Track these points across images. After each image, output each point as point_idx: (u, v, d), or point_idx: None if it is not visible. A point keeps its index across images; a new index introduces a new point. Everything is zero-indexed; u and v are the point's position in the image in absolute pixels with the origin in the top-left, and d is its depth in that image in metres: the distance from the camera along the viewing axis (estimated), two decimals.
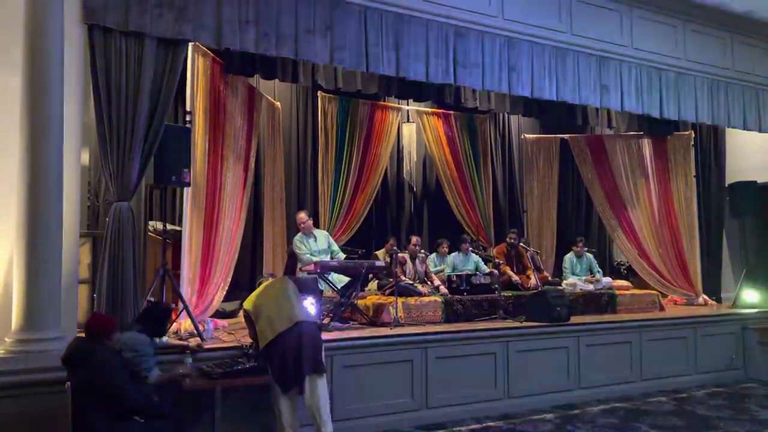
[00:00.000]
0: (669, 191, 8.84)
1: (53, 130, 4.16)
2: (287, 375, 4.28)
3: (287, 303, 4.47)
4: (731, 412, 5.91)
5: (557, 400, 6.13)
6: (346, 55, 5.34)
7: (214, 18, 4.79)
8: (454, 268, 7.57)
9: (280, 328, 4.31)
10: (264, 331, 4.36)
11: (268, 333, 4.33)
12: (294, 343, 4.28)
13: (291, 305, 4.46)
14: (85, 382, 3.40)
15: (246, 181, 6.58)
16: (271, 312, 4.41)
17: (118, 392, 3.46)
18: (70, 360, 3.53)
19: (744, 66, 7.75)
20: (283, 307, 4.44)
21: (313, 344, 4.39)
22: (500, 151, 9.82)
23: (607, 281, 8.02)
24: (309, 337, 4.36)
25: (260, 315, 4.44)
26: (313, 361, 4.33)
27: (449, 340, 5.73)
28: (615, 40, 6.82)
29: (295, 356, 4.28)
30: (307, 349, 4.31)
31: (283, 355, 4.28)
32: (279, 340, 4.28)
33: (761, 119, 7.87)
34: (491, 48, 6.07)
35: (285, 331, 4.30)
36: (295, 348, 4.28)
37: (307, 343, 4.32)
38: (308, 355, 4.31)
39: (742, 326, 7.55)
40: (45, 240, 4.10)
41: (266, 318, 4.39)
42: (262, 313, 4.43)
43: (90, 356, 3.45)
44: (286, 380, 4.28)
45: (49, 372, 3.90)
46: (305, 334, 4.34)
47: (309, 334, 4.38)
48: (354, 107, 8.20)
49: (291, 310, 4.43)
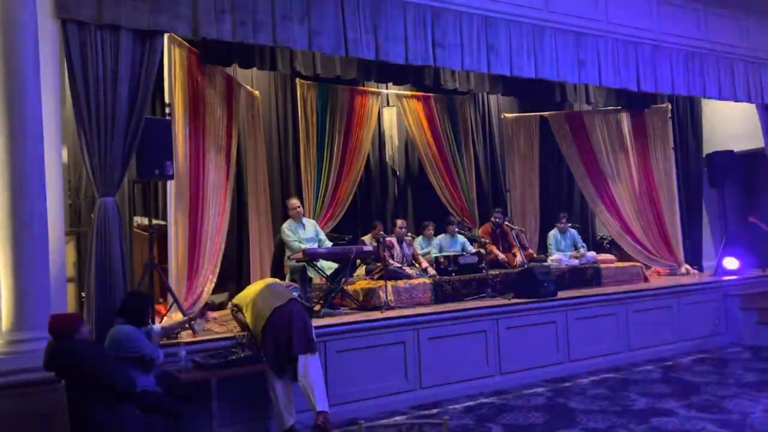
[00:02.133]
0: (648, 164, 8.98)
1: (32, 127, 4.11)
2: (281, 356, 4.41)
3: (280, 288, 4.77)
4: (717, 376, 6.05)
5: (548, 374, 6.24)
6: (325, 40, 5.30)
7: (189, 8, 4.72)
8: (441, 249, 7.62)
9: (276, 303, 4.50)
10: (260, 310, 4.51)
11: (265, 311, 4.48)
12: (285, 324, 4.43)
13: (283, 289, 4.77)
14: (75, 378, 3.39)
15: (228, 172, 6.55)
16: (265, 294, 4.62)
17: (110, 373, 3.47)
18: (52, 365, 3.53)
19: (717, 37, 7.83)
20: (275, 289, 4.71)
21: (304, 324, 4.53)
22: (481, 131, 9.84)
23: (591, 255, 8.13)
24: (299, 317, 4.51)
25: (254, 302, 4.60)
26: (305, 340, 4.47)
27: (440, 321, 5.78)
28: (591, 15, 6.84)
29: (287, 336, 4.41)
30: (297, 329, 4.45)
31: (276, 336, 4.42)
32: (274, 316, 4.43)
33: (736, 89, 7.96)
34: (469, 28, 6.07)
35: (281, 306, 4.48)
36: (286, 329, 4.42)
37: (298, 323, 4.47)
38: (300, 335, 4.44)
39: (723, 293, 7.71)
40: (31, 239, 4.06)
41: (260, 301, 4.57)
42: (256, 300, 4.58)
43: (70, 354, 3.44)
44: (281, 361, 4.42)
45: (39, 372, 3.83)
46: (295, 314, 4.50)
47: (299, 314, 4.53)
48: (333, 93, 8.15)
49: (284, 290, 4.72)
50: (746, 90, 8.06)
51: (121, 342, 3.85)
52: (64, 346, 3.51)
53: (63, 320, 3.65)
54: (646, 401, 5.28)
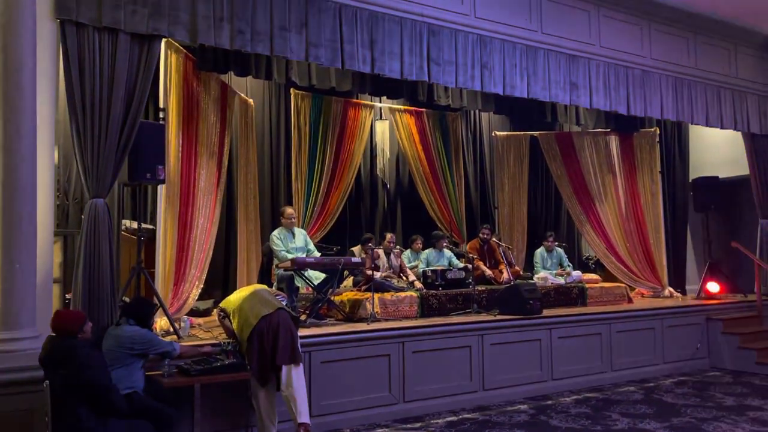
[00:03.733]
0: (635, 186, 9.10)
1: (26, 127, 4.11)
2: (265, 366, 4.40)
3: (268, 295, 4.73)
4: (697, 399, 6.11)
5: (531, 392, 6.27)
6: (322, 52, 5.36)
7: (188, 14, 4.76)
8: (428, 263, 7.65)
9: (264, 311, 4.48)
10: (248, 318, 4.49)
11: (252, 319, 4.46)
12: (271, 334, 4.42)
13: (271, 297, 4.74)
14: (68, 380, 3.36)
15: (219, 179, 6.55)
16: (252, 301, 4.60)
17: (103, 392, 3.45)
18: (48, 360, 3.49)
19: (706, 65, 8.00)
20: (263, 297, 4.68)
21: (290, 334, 4.51)
22: (471, 148, 9.93)
23: (577, 275, 8.20)
24: (285, 327, 4.50)
25: (241, 308, 4.58)
26: (290, 351, 4.46)
27: (425, 334, 5.80)
28: (584, 39, 6.98)
29: (272, 346, 4.40)
30: (283, 339, 4.44)
31: (262, 346, 4.41)
32: (260, 324, 4.42)
33: (722, 116, 8.12)
34: (464, 46, 6.16)
35: (268, 314, 4.47)
36: (272, 339, 4.42)
37: (284, 333, 4.46)
38: (285, 345, 4.44)
39: (706, 317, 7.79)
40: (19, 239, 4.04)
41: (248, 308, 4.55)
42: (243, 307, 4.56)
43: (70, 354, 3.41)
44: (264, 372, 4.40)
45: (25, 371, 3.85)
46: (282, 324, 4.48)
47: (285, 324, 4.52)
48: (327, 105, 8.20)
49: (272, 299, 4.69)
50: (732, 118, 8.22)
51: (141, 339, 3.94)
52: (63, 344, 3.49)
53: (68, 317, 3.64)
54: (628, 421, 5.32)
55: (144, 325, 4.10)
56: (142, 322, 4.08)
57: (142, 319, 4.09)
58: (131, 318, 4.03)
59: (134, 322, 4.02)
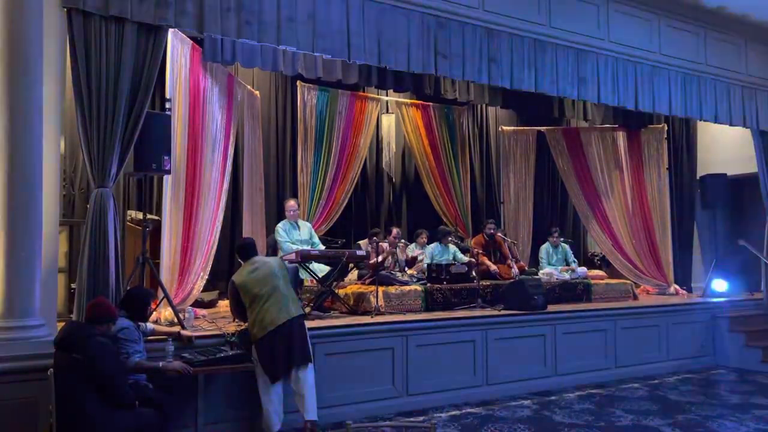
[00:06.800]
0: (642, 183, 9.04)
1: (33, 117, 4.10)
2: (277, 367, 4.41)
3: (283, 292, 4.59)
4: (702, 397, 6.08)
5: (534, 387, 6.25)
6: (329, 43, 5.33)
7: (195, 4, 4.73)
8: (433, 258, 7.63)
9: (280, 319, 4.44)
10: (263, 319, 4.44)
11: (266, 323, 4.43)
12: (286, 336, 4.42)
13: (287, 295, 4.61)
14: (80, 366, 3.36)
15: (225, 170, 6.54)
16: (270, 303, 4.49)
17: (113, 383, 3.47)
18: (64, 343, 3.49)
19: (716, 61, 7.91)
20: (279, 298, 4.54)
21: (303, 337, 4.55)
22: (478, 142, 9.90)
23: (582, 271, 8.17)
24: (299, 330, 4.52)
25: (256, 300, 4.51)
26: (302, 352, 4.49)
27: (429, 328, 5.79)
28: (592, 33, 6.89)
29: (287, 347, 4.42)
30: (297, 341, 4.47)
31: (274, 347, 4.41)
32: (275, 332, 4.40)
33: (732, 113, 8.04)
34: (472, 39, 6.11)
35: (283, 324, 4.43)
36: (286, 340, 4.42)
37: (298, 336, 4.49)
38: (298, 346, 4.47)
39: (711, 315, 7.76)
40: (25, 228, 4.04)
41: (265, 307, 4.47)
42: (258, 300, 4.50)
43: (87, 341, 3.42)
44: (276, 372, 4.42)
45: (29, 360, 3.88)
46: (296, 331, 4.50)
47: (299, 330, 4.53)
48: (333, 97, 8.18)
49: (289, 304, 4.57)
50: (742, 115, 8.14)
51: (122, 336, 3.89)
52: (86, 331, 3.50)
53: (108, 307, 3.69)
54: (632, 418, 5.30)
55: (138, 317, 4.11)
56: (136, 314, 4.09)
57: (136, 310, 4.09)
58: (125, 309, 4.04)
59: (126, 314, 4.03)
